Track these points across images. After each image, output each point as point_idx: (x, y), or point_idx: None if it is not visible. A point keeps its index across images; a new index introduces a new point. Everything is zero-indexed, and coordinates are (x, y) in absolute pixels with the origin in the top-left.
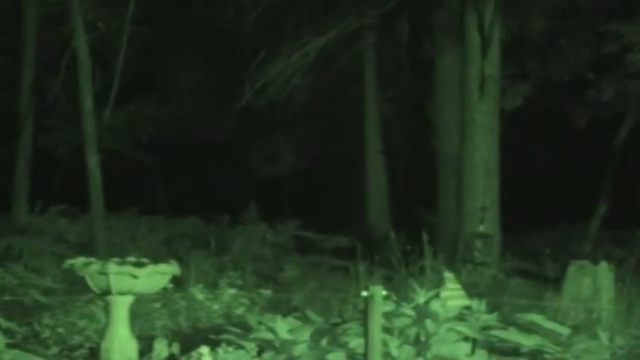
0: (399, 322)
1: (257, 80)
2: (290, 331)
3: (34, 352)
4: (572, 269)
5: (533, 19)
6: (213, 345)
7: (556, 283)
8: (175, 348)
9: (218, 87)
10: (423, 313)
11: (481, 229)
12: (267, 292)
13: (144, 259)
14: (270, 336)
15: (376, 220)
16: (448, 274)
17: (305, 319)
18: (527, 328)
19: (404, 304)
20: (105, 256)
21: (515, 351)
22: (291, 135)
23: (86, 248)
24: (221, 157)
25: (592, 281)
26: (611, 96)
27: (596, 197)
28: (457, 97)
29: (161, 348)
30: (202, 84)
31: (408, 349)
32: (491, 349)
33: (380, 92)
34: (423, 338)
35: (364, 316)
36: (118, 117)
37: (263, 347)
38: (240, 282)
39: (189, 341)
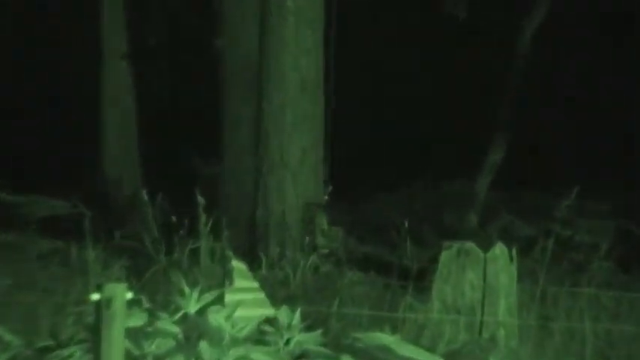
0: (155, 346)
1: None
2: None
3: None
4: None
5: None
6: None
7: (419, 280)
8: None
9: None
10: (195, 330)
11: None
12: None
13: None
14: None
15: (117, 171)
16: (238, 264)
17: None
18: (373, 356)
19: (163, 314)
20: None
21: None
22: None
23: None
24: None
25: None
26: None
27: None
28: None
29: None
30: None
31: None
32: None
33: None
34: None
35: (95, 336)
36: None
37: None
38: None
39: None
